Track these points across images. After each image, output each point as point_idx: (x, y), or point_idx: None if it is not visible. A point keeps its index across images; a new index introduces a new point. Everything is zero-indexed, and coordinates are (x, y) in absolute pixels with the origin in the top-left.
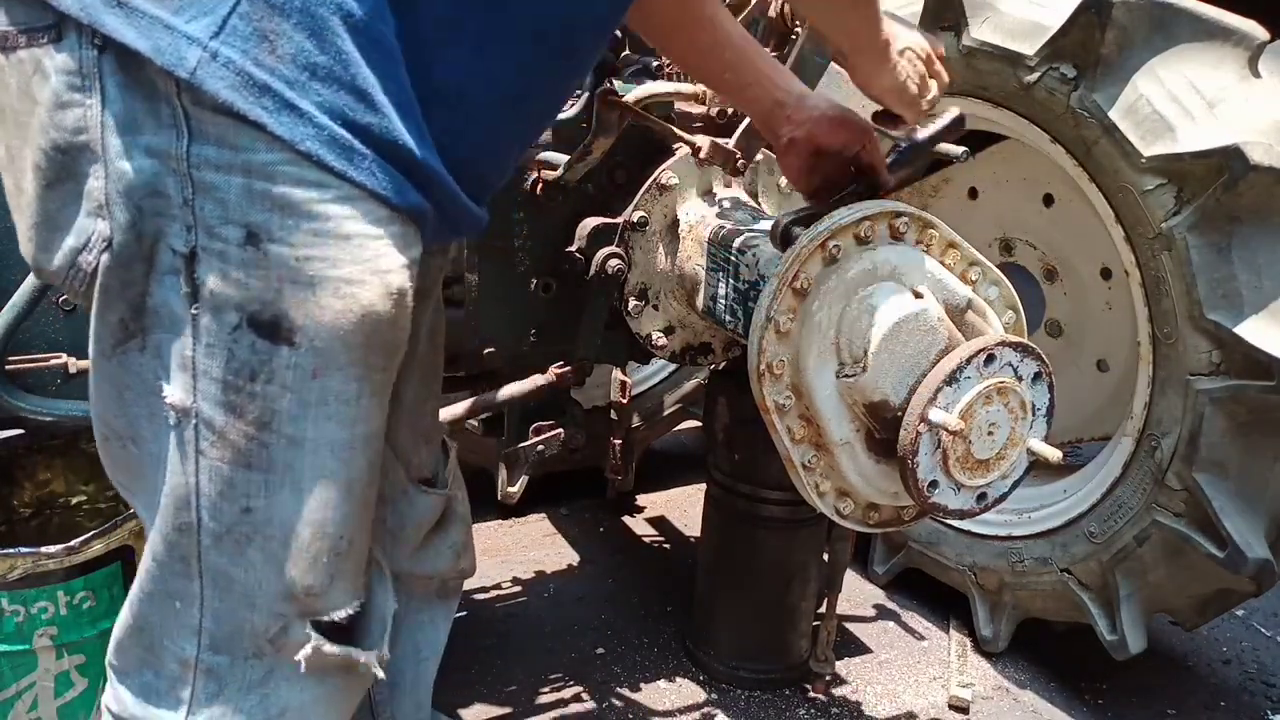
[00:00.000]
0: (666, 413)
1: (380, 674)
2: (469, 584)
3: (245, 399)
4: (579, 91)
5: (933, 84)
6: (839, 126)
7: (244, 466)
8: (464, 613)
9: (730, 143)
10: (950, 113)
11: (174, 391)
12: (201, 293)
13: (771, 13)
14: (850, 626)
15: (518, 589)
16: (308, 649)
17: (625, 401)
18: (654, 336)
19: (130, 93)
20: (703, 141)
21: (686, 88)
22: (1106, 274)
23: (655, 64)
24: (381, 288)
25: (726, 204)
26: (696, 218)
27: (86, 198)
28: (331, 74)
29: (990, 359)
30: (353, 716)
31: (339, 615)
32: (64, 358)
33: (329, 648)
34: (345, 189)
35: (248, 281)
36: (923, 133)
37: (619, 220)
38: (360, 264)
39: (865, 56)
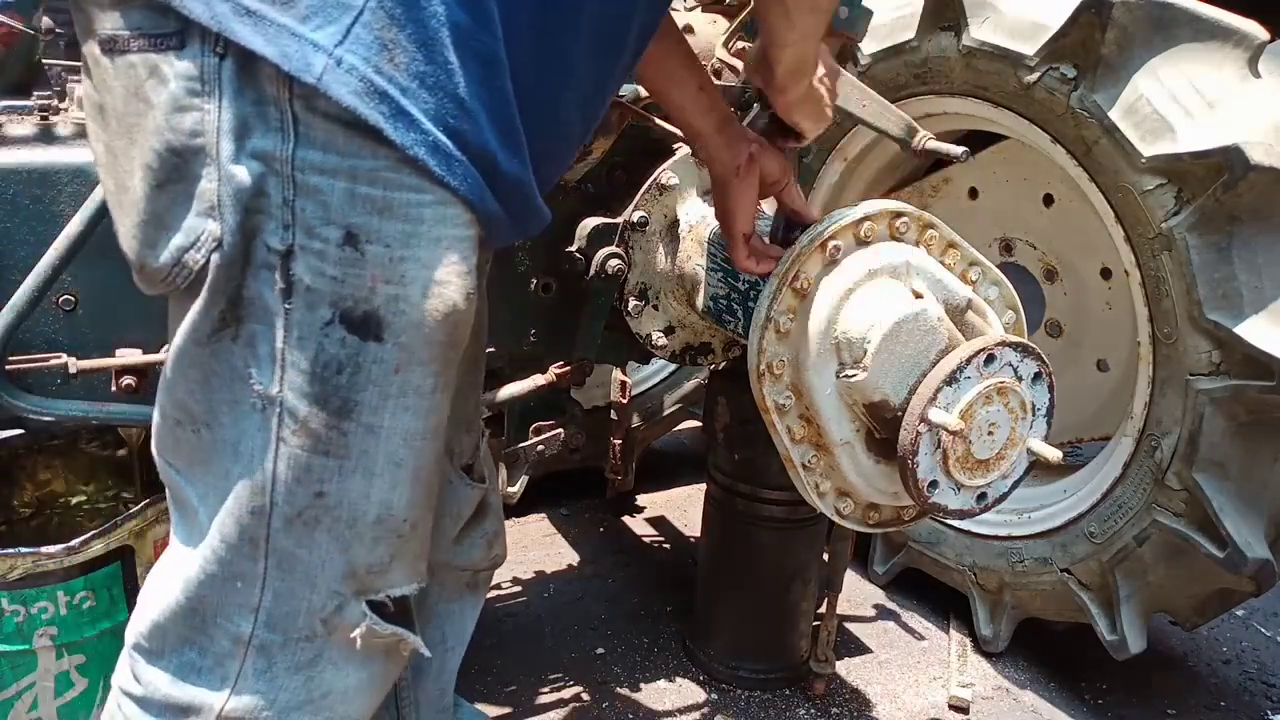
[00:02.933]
0: (666, 413)
1: (427, 652)
2: None
3: (330, 390)
4: None
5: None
6: (747, 173)
7: (322, 454)
8: None
9: None
10: (958, 149)
11: (261, 380)
12: (296, 289)
13: None
14: (850, 626)
15: (518, 589)
16: (363, 627)
17: (625, 401)
18: (654, 336)
19: (242, 98)
20: None
21: None
22: (1106, 274)
23: None
24: (463, 288)
25: None
26: (696, 218)
27: (198, 199)
28: (438, 83)
29: (990, 359)
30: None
31: (395, 593)
32: (64, 358)
33: (383, 627)
34: (441, 194)
35: (343, 279)
36: (928, 143)
37: (619, 220)
38: (448, 265)
39: (796, 79)
